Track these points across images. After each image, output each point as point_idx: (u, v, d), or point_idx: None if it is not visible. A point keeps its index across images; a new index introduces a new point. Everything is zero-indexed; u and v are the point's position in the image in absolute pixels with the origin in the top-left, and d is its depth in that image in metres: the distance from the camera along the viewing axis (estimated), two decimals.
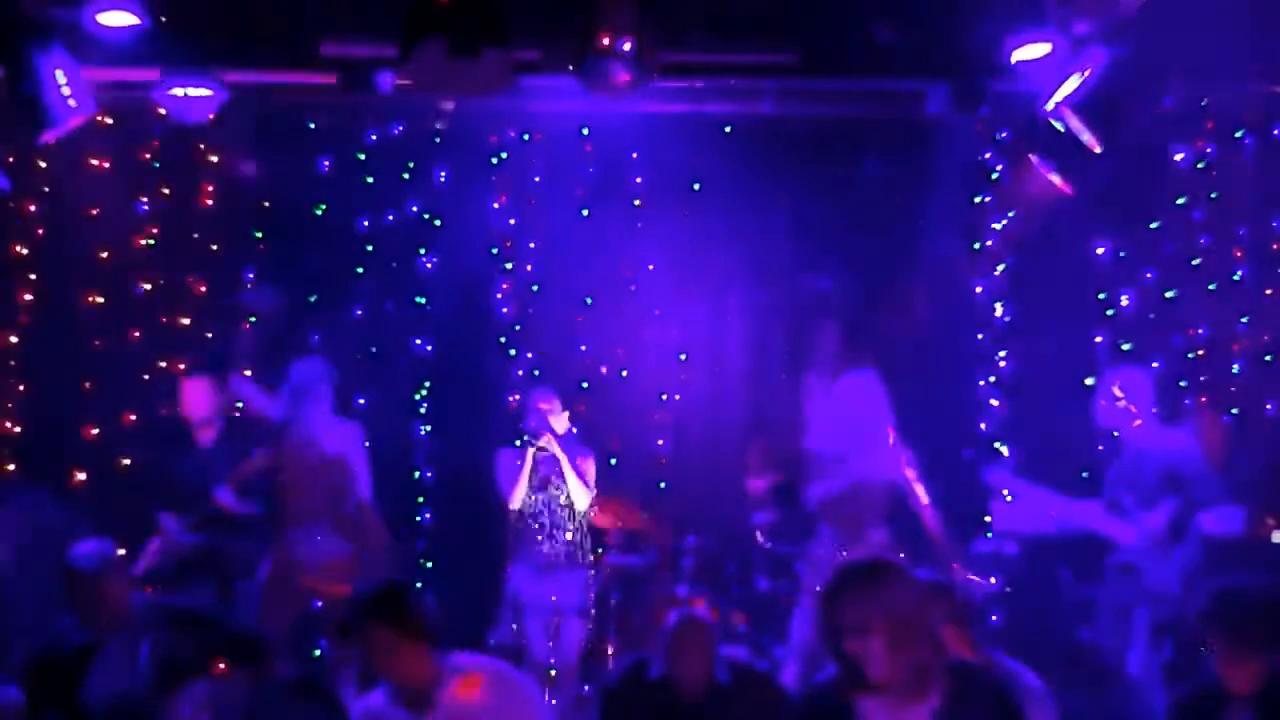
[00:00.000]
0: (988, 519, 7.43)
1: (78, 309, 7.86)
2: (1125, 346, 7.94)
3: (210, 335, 8.12)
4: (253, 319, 7.50)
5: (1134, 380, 6.40)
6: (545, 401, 7.04)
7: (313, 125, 8.23)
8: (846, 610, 3.50)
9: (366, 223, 8.41)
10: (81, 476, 7.65)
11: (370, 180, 8.38)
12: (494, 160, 8.51)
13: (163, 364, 7.99)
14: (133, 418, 7.88)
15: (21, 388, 7.73)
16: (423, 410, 8.39)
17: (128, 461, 7.77)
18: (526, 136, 8.48)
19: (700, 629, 5.18)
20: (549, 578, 6.91)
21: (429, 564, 8.19)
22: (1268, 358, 7.87)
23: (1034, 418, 7.91)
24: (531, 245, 8.50)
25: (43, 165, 7.69)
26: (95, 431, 7.78)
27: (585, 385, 8.29)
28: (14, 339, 7.71)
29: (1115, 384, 6.36)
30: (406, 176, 8.43)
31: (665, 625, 5.23)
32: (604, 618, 7.32)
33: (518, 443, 7.15)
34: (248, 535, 6.95)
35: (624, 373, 8.43)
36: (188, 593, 6.68)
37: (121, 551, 5.29)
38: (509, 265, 8.48)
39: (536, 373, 8.37)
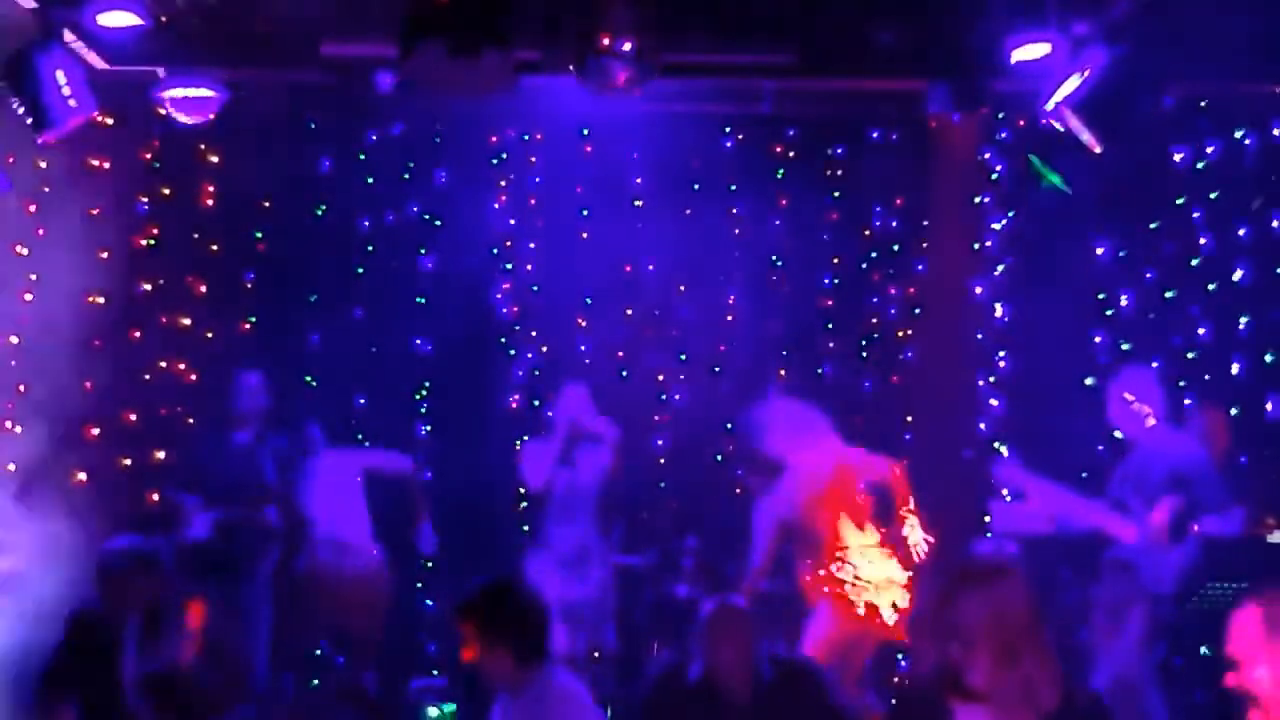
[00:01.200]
0: (988, 519, 7.44)
1: (78, 309, 7.85)
2: (1125, 346, 7.95)
3: (210, 335, 8.13)
4: None
5: (1141, 381, 6.41)
6: (579, 396, 7.09)
7: (313, 125, 8.23)
8: (957, 613, 3.44)
9: (366, 223, 8.41)
10: (82, 476, 7.63)
11: (370, 180, 8.38)
12: (494, 160, 8.51)
13: (163, 364, 7.99)
14: (133, 417, 7.88)
15: (22, 388, 7.72)
16: (423, 410, 8.38)
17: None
18: (526, 136, 8.48)
19: (738, 618, 4.96)
20: (569, 572, 6.89)
21: (429, 564, 8.18)
22: (1268, 358, 7.88)
23: (1034, 418, 7.91)
24: (531, 245, 8.49)
25: (43, 165, 7.69)
26: (95, 431, 7.78)
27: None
28: (14, 339, 7.70)
29: (1123, 390, 6.37)
30: (406, 176, 8.43)
31: (700, 617, 5.02)
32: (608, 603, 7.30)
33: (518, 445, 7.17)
34: (262, 539, 6.98)
35: (624, 373, 8.43)
36: (190, 588, 6.68)
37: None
38: (509, 265, 8.48)
39: (537, 373, 8.38)
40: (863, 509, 6.42)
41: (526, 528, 7.54)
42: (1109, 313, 8.08)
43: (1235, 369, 7.87)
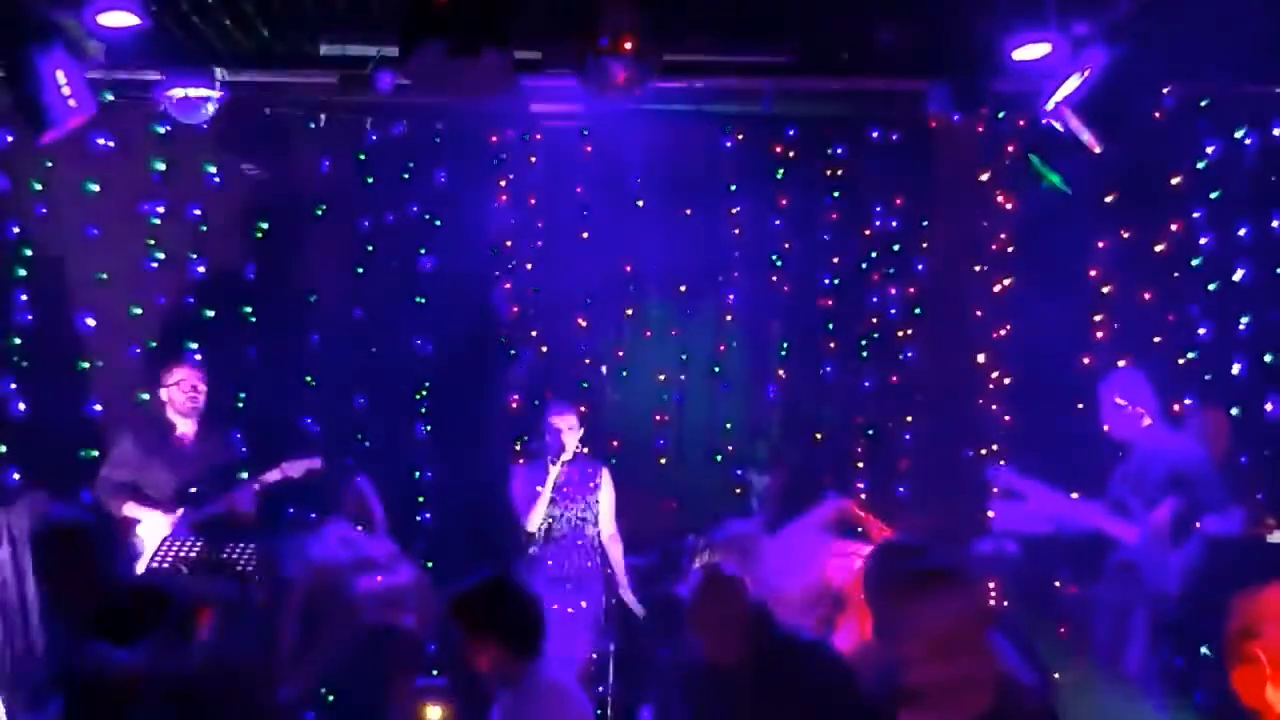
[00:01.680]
0: (988, 519, 7.44)
1: (77, 310, 7.85)
2: (1125, 346, 7.94)
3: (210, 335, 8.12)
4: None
5: (1131, 383, 6.42)
6: (561, 418, 7.05)
7: (313, 125, 8.23)
8: (889, 615, 3.43)
9: (366, 223, 8.41)
10: (81, 476, 7.62)
11: (370, 180, 8.38)
12: (494, 160, 8.51)
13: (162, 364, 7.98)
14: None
15: (22, 388, 7.72)
16: (423, 410, 8.38)
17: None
18: (526, 136, 8.48)
19: (723, 586, 4.68)
20: (563, 591, 6.88)
21: (429, 564, 8.18)
22: (1268, 358, 7.87)
23: (1034, 418, 7.91)
24: (531, 245, 8.49)
25: (43, 165, 7.69)
26: (94, 432, 7.76)
27: (585, 385, 8.29)
28: (15, 339, 7.70)
29: (1115, 393, 6.37)
30: (406, 177, 8.43)
31: (689, 588, 4.81)
32: (606, 620, 7.30)
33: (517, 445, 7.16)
34: (239, 537, 6.96)
35: (624, 373, 8.43)
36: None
37: None
38: (509, 265, 8.48)
39: (536, 373, 8.38)
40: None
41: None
42: (1109, 313, 8.07)
43: (1235, 369, 7.86)
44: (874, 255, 8.50)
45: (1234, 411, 7.44)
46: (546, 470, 7.01)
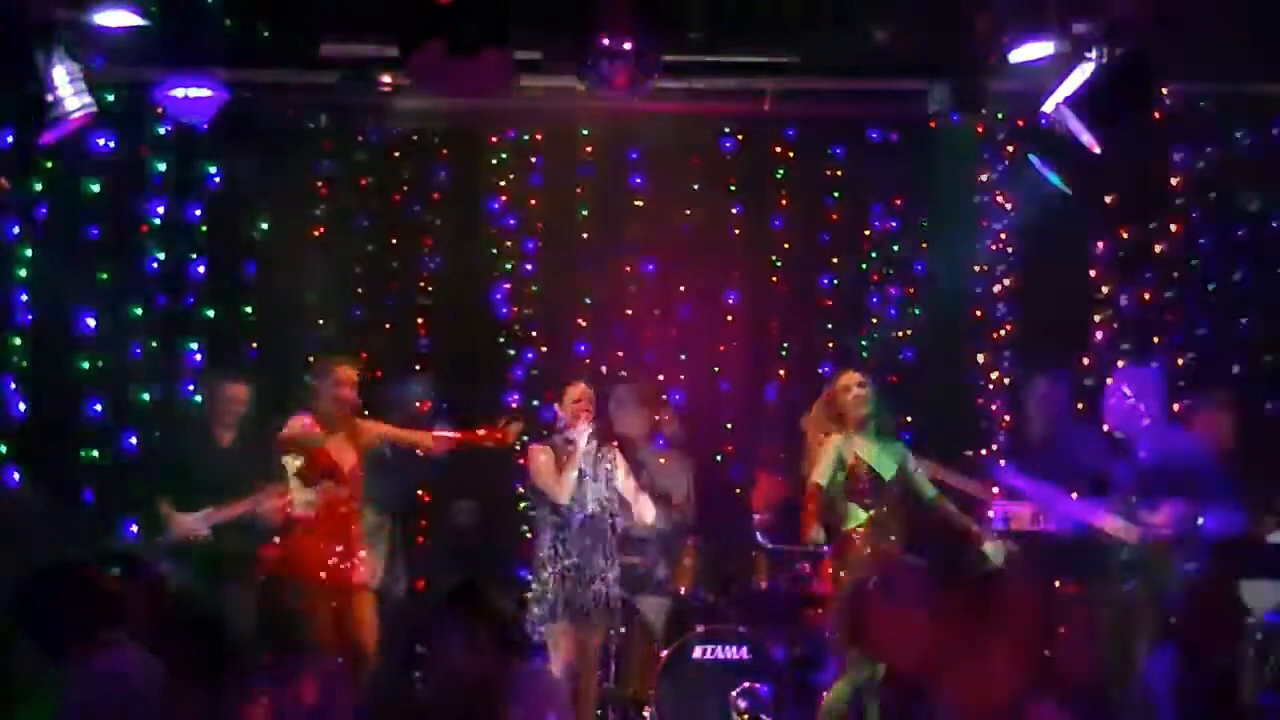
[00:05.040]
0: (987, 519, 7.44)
1: (78, 311, 7.84)
2: (1125, 346, 7.94)
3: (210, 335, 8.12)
4: None
5: (1143, 380, 6.41)
6: (576, 389, 6.86)
7: (312, 125, 8.22)
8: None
9: (366, 223, 8.41)
10: (81, 476, 7.62)
11: (368, 180, 8.38)
12: (494, 160, 8.51)
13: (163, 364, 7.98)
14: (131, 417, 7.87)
15: (22, 388, 7.71)
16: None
17: (137, 453, 7.70)
18: (526, 136, 8.48)
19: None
20: (580, 578, 6.74)
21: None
22: (1268, 358, 7.87)
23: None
24: (531, 245, 8.49)
25: (43, 165, 7.68)
26: (95, 431, 7.76)
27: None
28: (15, 339, 7.70)
29: (1124, 384, 6.37)
30: (406, 176, 8.43)
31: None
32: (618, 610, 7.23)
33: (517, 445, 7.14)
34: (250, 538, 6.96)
35: (624, 373, 8.42)
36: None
37: None
38: (509, 265, 8.48)
39: (536, 373, 8.38)
40: None
41: (527, 530, 7.54)
42: (1109, 313, 8.07)
43: (1235, 369, 7.86)
44: (874, 255, 8.50)
45: (1234, 412, 7.43)
46: (565, 444, 6.63)
